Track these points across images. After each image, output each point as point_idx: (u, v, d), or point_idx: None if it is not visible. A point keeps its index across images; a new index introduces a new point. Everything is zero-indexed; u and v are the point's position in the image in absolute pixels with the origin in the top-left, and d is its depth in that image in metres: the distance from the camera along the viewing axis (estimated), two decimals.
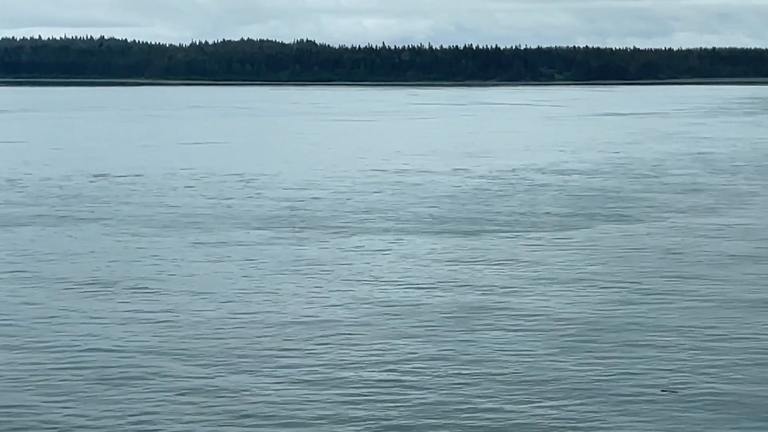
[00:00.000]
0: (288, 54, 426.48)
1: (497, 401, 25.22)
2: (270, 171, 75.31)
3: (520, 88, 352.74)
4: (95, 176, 70.16)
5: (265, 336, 30.45)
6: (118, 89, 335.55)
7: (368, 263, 41.11)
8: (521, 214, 54.69)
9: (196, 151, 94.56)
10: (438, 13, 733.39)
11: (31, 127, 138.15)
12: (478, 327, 31.73)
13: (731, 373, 27.12)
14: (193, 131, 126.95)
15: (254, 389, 25.65)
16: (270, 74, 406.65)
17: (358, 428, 23.39)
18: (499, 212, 55.20)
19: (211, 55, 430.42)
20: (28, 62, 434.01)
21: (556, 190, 64.61)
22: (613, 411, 24.62)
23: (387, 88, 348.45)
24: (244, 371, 27.08)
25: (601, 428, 23.81)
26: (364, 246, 45.00)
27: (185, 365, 27.54)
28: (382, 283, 37.62)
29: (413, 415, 24.19)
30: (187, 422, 23.51)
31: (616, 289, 37.00)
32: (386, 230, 49.23)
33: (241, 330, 31.04)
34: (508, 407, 24.83)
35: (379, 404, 24.83)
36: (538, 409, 24.74)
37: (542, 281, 38.19)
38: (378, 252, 43.67)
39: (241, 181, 68.87)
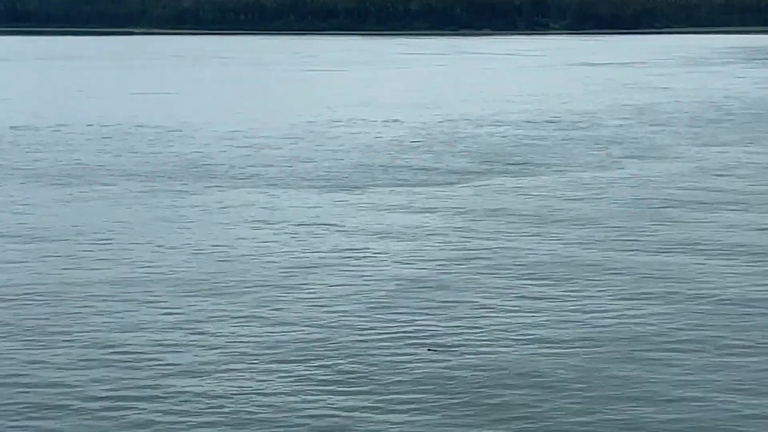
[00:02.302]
0: (282, 4, 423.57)
1: (283, 358, 25.20)
2: (199, 122, 74.76)
3: (512, 37, 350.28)
4: (13, 128, 69.62)
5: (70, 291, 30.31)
6: (110, 39, 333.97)
7: (231, 217, 40.86)
8: (424, 167, 54.22)
9: (140, 102, 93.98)
10: None
11: None
12: (304, 284, 31.48)
13: (513, 337, 26.91)
14: (154, 81, 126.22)
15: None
16: (265, 24, 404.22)
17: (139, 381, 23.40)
18: (402, 165, 54.74)
19: (205, 5, 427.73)
20: (24, 11, 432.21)
21: (475, 142, 64.08)
22: (381, 369, 24.42)
23: (378, 37, 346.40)
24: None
25: (365, 388, 23.60)
26: (239, 199, 44.71)
27: None
28: (230, 237, 37.33)
29: (192, 371, 24.19)
30: None
31: (468, 243, 36.68)
32: (273, 184, 48.87)
33: (61, 283, 30.93)
34: (286, 366, 24.76)
35: (165, 364, 24.82)
36: (316, 368, 24.58)
37: (397, 236, 37.90)
38: (247, 205, 43.35)
39: (163, 132, 68.42)
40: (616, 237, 37.76)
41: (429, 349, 24.97)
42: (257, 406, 22.54)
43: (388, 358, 24.98)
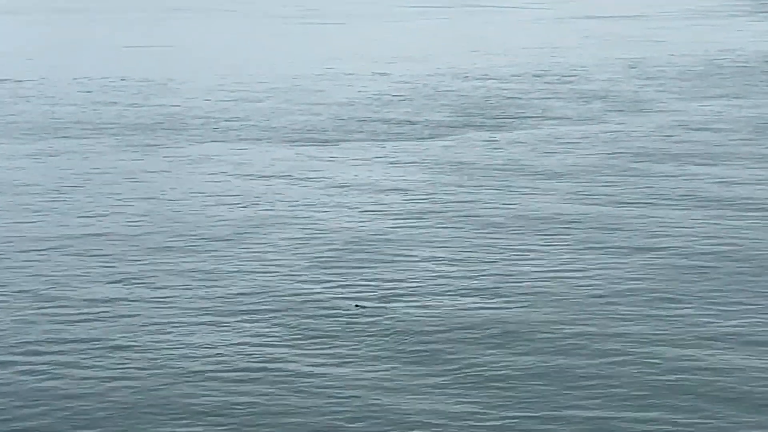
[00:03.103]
0: None
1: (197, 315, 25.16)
2: (187, 75, 74.35)
3: None
4: None
5: None
6: None
7: (196, 171, 40.98)
8: (400, 120, 54.03)
9: (132, 56, 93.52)
10: None
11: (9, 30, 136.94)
12: (255, 238, 31.47)
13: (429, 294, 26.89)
14: (151, 35, 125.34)
15: None
16: None
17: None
18: (379, 119, 54.53)
19: None
20: None
21: (458, 96, 63.71)
22: (317, 322, 24.46)
23: None
24: None
25: (302, 340, 23.65)
26: (207, 153, 44.84)
27: None
28: (191, 191, 37.35)
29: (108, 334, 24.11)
30: None
31: (430, 197, 36.69)
32: (246, 137, 48.83)
33: None
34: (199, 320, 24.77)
35: (103, 319, 24.93)
36: (254, 322, 24.63)
37: (360, 190, 37.98)
38: (215, 159, 43.38)
39: (147, 85, 68.15)
40: (579, 190, 37.70)
41: (356, 305, 24.93)
42: (195, 359, 22.59)
43: (326, 311, 25.01)
